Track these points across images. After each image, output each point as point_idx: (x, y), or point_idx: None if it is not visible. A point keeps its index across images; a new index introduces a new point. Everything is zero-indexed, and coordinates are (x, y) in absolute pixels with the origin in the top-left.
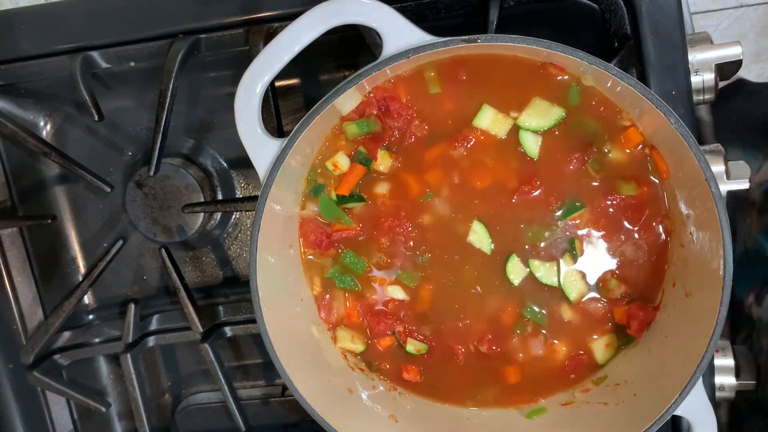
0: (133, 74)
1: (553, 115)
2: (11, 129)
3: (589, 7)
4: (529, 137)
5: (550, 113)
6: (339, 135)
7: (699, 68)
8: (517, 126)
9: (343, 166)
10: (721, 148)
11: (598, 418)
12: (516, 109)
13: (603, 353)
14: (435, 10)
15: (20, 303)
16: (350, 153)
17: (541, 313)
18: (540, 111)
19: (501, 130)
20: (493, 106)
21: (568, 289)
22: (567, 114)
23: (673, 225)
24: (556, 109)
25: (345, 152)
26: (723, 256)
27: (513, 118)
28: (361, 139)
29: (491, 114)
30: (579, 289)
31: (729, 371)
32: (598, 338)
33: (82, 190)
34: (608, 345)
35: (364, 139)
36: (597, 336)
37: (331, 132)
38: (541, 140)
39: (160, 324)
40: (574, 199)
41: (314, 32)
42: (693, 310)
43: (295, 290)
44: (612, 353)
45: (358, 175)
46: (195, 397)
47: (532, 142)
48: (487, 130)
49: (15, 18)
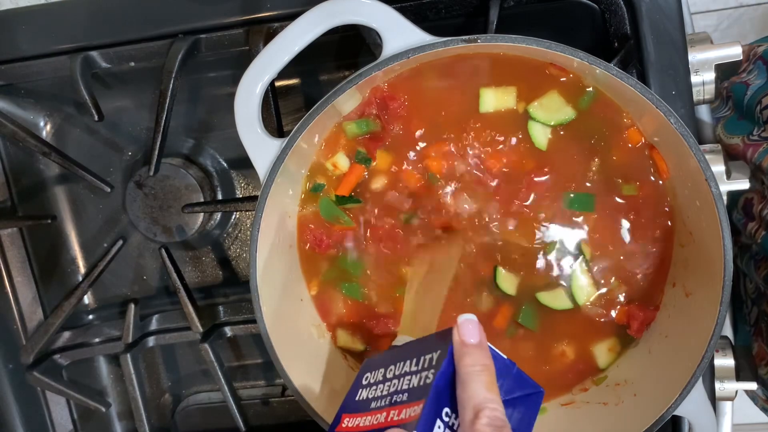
0: (133, 74)
1: (563, 114)
2: (11, 129)
3: (589, 7)
4: (537, 128)
5: (561, 111)
6: (338, 135)
7: (699, 68)
8: (527, 114)
9: (342, 167)
10: (720, 148)
11: (598, 418)
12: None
13: (605, 357)
14: (435, 10)
15: (20, 303)
16: (350, 153)
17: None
18: (552, 106)
19: (509, 103)
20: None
21: (577, 294)
22: (576, 117)
23: (674, 225)
24: (568, 109)
25: (344, 152)
26: (723, 256)
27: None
28: (360, 139)
29: (492, 95)
30: (588, 293)
31: (729, 371)
32: (600, 342)
33: (82, 190)
34: (611, 349)
35: (364, 139)
36: (599, 340)
37: (331, 132)
38: (550, 132)
39: (160, 324)
40: (584, 193)
41: (314, 32)
42: (693, 310)
43: (295, 290)
44: (614, 357)
45: (358, 175)
46: (195, 397)
47: (540, 134)
48: (496, 109)
49: (15, 18)
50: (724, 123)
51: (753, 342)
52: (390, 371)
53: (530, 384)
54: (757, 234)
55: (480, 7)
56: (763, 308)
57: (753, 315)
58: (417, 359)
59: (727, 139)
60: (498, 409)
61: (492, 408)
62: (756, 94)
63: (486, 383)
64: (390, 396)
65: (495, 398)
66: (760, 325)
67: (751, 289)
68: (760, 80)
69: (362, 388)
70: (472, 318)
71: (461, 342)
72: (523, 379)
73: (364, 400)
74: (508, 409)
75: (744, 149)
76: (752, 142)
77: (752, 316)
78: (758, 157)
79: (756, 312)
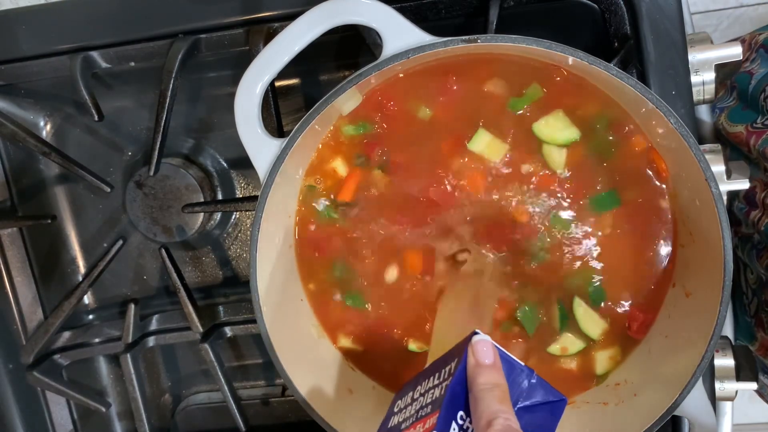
0: (133, 74)
1: (567, 134)
2: (11, 129)
3: (589, 7)
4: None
5: (565, 132)
6: (337, 137)
7: (699, 68)
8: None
9: (341, 171)
10: (720, 148)
11: (598, 418)
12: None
13: (605, 365)
14: (435, 10)
15: (20, 303)
16: (348, 157)
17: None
18: (556, 125)
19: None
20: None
21: (589, 331)
22: (581, 138)
23: (674, 226)
24: (573, 130)
25: (343, 156)
26: (723, 256)
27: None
28: (358, 142)
29: (485, 139)
30: (600, 327)
31: (729, 371)
32: (602, 350)
33: (82, 190)
34: (611, 357)
35: (362, 143)
36: (602, 348)
37: (329, 134)
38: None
39: (160, 324)
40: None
41: (314, 32)
42: (693, 310)
43: (295, 290)
44: (614, 366)
45: (357, 179)
46: (195, 397)
47: (555, 153)
48: (481, 153)
49: (15, 18)
50: (728, 113)
51: (755, 333)
52: (417, 392)
53: (552, 392)
54: (760, 222)
55: (480, 7)
56: (764, 298)
57: (753, 306)
58: (438, 373)
59: (730, 128)
60: (511, 419)
61: (505, 417)
62: (760, 83)
63: (499, 398)
64: (417, 413)
65: (508, 410)
66: (760, 315)
67: (752, 280)
68: (763, 69)
69: (394, 415)
70: (486, 339)
71: (475, 363)
72: (545, 387)
73: (395, 425)
74: (527, 415)
75: (747, 137)
76: (755, 129)
77: (752, 307)
78: (761, 144)
79: (756, 303)
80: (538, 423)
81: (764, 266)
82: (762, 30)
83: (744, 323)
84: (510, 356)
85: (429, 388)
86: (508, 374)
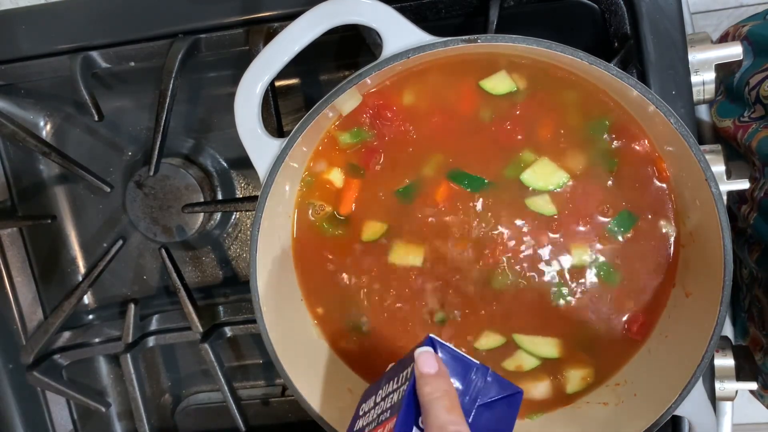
0: (133, 74)
1: (557, 179)
2: (11, 129)
3: (589, 7)
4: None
5: (554, 176)
6: (332, 145)
7: (699, 68)
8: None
9: (337, 181)
10: (720, 148)
11: (598, 418)
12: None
13: (576, 384)
14: (435, 10)
15: (20, 303)
16: (343, 166)
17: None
18: (545, 172)
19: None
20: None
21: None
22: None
23: (675, 226)
24: (561, 174)
25: (338, 166)
26: (723, 256)
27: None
28: (354, 151)
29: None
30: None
31: (729, 371)
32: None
33: (82, 190)
34: (584, 378)
35: (358, 152)
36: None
37: (324, 137)
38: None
39: (160, 324)
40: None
41: (314, 32)
42: (693, 310)
43: (295, 290)
44: (584, 387)
45: (354, 190)
46: (195, 397)
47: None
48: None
49: (15, 18)
50: (716, 107)
51: (748, 328)
52: (379, 396)
53: (508, 386)
54: (749, 216)
55: (480, 7)
56: (755, 293)
57: (747, 301)
58: (397, 377)
59: (720, 123)
60: (461, 428)
61: (455, 429)
62: (744, 75)
63: (447, 407)
64: (378, 417)
65: (457, 419)
66: (752, 310)
67: (746, 275)
68: (747, 61)
69: (359, 419)
70: (428, 350)
71: (419, 374)
72: (500, 382)
73: (359, 429)
74: (487, 411)
75: (735, 131)
76: (742, 123)
77: (746, 302)
78: (747, 138)
79: (749, 298)
80: (498, 417)
81: (754, 260)
82: (745, 21)
83: (739, 319)
84: (464, 356)
85: (389, 392)
86: (464, 373)
